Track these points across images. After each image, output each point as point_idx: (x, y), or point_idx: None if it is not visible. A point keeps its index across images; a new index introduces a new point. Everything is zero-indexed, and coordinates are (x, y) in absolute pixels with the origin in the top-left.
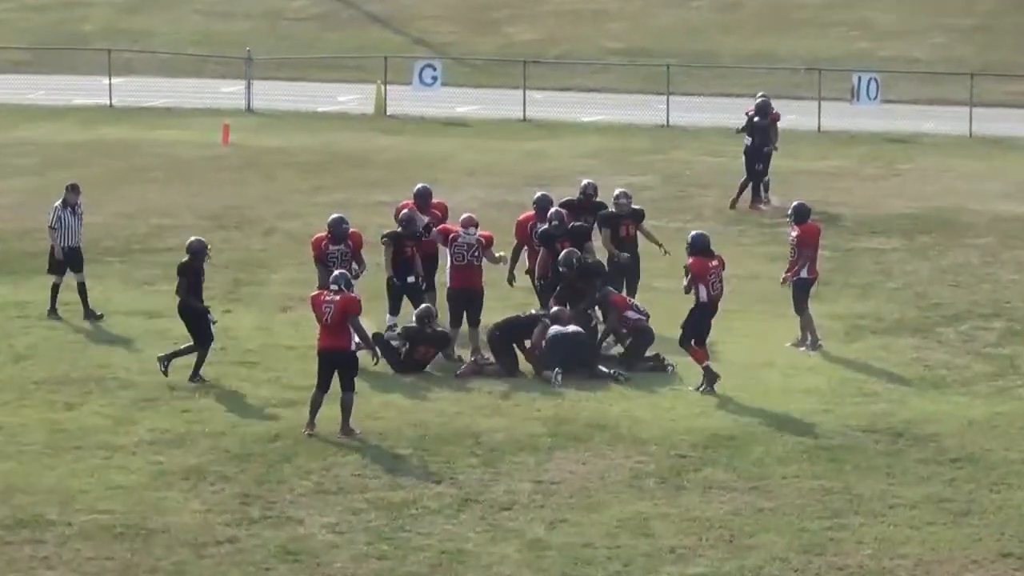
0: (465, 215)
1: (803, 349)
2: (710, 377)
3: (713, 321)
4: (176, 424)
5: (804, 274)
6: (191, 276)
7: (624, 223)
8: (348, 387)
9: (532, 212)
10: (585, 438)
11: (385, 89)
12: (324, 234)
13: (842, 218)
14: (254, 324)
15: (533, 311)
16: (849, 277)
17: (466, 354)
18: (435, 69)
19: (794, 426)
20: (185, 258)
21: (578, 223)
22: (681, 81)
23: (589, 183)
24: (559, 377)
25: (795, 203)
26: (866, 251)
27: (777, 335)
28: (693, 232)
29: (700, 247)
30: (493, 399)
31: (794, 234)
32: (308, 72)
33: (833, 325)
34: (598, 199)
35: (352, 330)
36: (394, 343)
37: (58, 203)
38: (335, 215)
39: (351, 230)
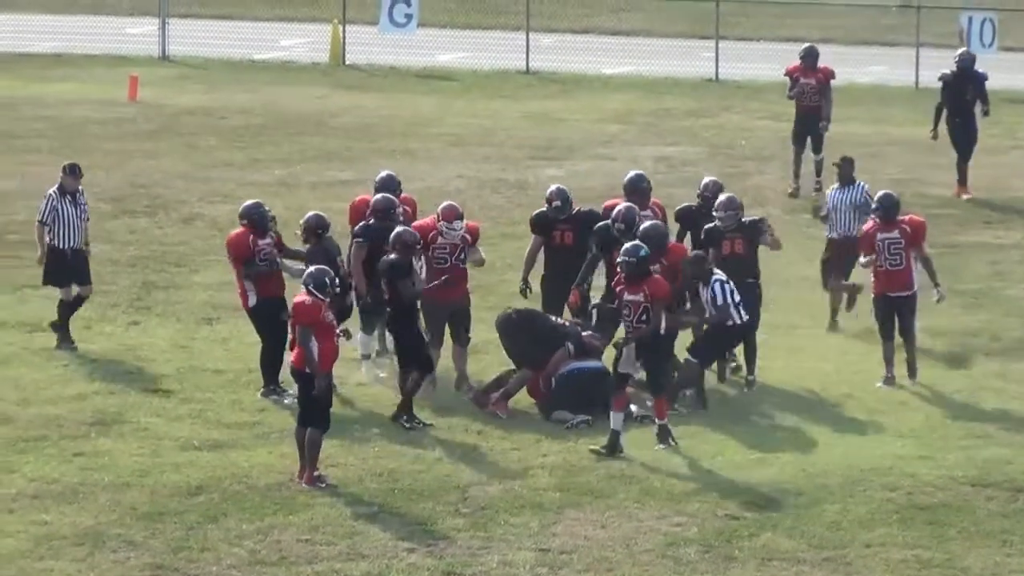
0: (446, 204)
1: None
2: (663, 435)
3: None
4: (67, 472)
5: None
6: (406, 277)
7: (727, 240)
8: (306, 420)
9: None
10: (606, 493)
11: (343, 30)
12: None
13: (947, 204)
14: (170, 341)
15: (564, 321)
16: (955, 282)
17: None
18: (409, 4)
19: (881, 478)
20: (390, 255)
21: (588, 209)
22: (735, 22)
23: (711, 181)
24: (582, 427)
25: (881, 193)
26: (977, 247)
27: (858, 358)
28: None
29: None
30: (484, 440)
31: (893, 233)
32: (241, 8)
33: (934, 345)
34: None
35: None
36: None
37: (53, 189)
38: (251, 202)
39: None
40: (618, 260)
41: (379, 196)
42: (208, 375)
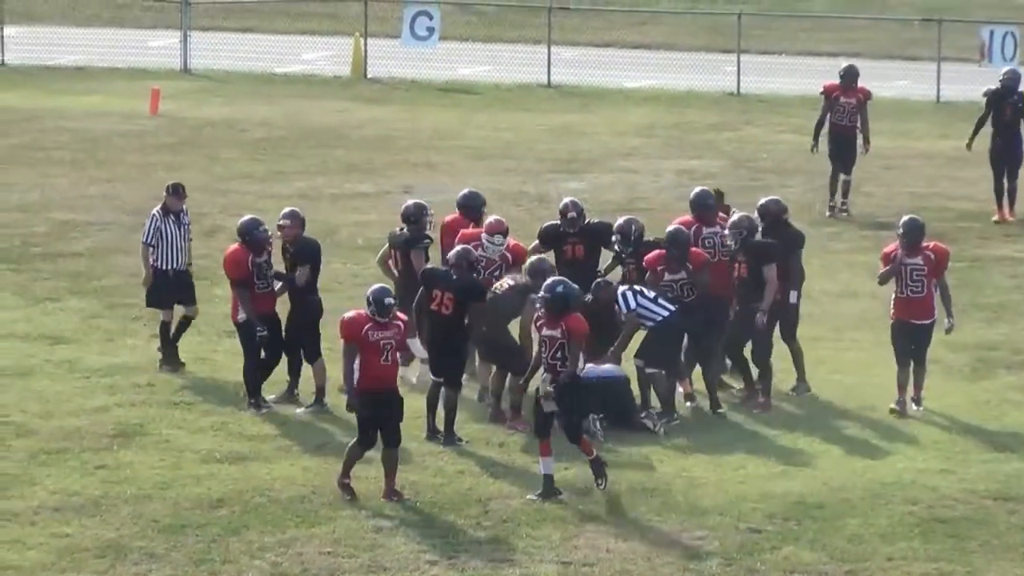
0: (493, 218)
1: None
2: (598, 470)
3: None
4: (89, 485)
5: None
6: (484, 299)
7: (736, 263)
8: (390, 442)
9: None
10: (627, 506)
11: (365, 44)
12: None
13: (968, 217)
14: (191, 353)
15: (510, 282)
16: (976, 295)
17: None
18: (431, 18)
19: (902, 491)
20: (449, 273)
21: (597, 221)
22: (757, 35)
23: (771, 200)
24: (598, 426)
25: (906, 218)
26: (999, 261)
27: (880, 371)
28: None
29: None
30: (505, 453)
31: (917, 260)
32: (263, 21)
33: (955, 359)
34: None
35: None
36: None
37: (156, 210)
38: (247, 218)
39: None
40: (539, 295)
41: (410, 203)
42: (230, 387)
